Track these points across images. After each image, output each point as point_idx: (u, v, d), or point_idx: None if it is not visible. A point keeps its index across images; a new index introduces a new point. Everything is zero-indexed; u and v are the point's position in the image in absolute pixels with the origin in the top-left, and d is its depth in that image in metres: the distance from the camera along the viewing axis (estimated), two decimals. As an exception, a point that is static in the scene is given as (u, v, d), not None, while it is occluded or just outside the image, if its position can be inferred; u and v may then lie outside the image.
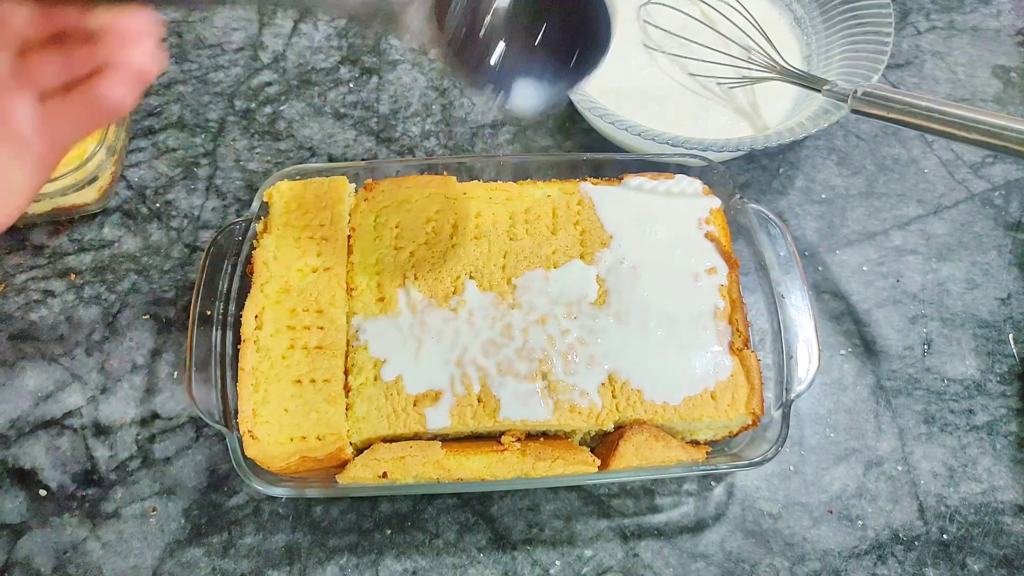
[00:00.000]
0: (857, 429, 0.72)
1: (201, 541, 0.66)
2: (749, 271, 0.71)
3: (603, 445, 0.65)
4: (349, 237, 0.69)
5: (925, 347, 0.76)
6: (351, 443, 0.62)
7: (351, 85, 0.90)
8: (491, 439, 0.63)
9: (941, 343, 0.76)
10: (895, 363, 0.75)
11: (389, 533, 0.67)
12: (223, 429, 0.62)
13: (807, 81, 0.76)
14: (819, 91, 0.74)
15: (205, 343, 0.65)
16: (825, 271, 0.80)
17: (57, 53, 0.42)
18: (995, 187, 0.85)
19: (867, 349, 0.76)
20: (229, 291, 0.67)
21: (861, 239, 0.82)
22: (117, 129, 0.77)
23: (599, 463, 0.61)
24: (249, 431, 0.60)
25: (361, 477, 0.60)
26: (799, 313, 0.67)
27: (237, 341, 0.64)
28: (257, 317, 0.64)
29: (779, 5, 0.89)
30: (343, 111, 0.88)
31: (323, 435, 0.60)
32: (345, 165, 0.74)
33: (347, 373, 0.63)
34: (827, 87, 0.73)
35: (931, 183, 0.85)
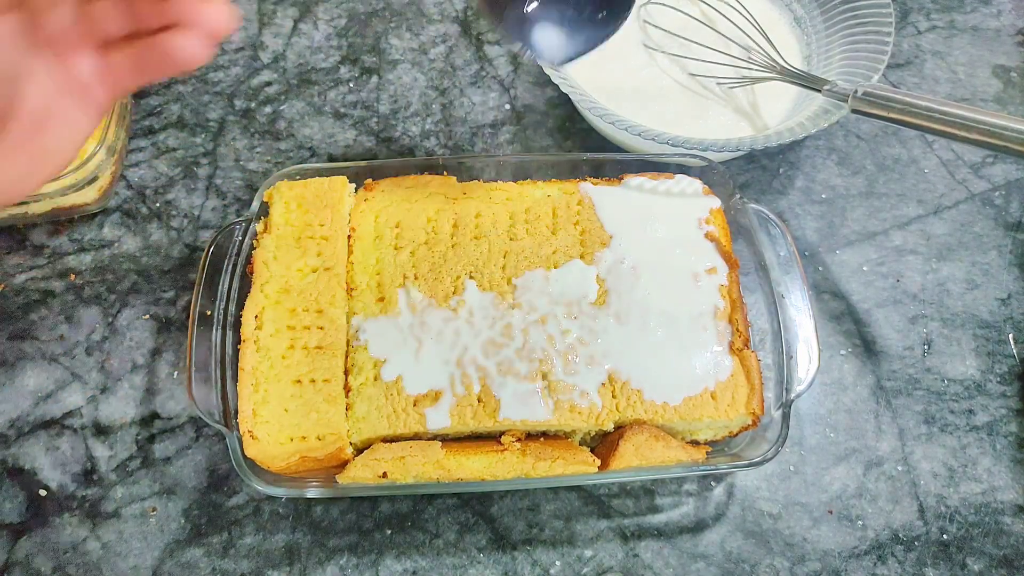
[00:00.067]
0: (857, 429, 0.72)
1: (201, 541, 0.66)
2: (749, 271, 0.71)
3: (603, 445, 0.64)
4: (349, 237, 0.69)
5: (925, 347, 0.76)
6: (351, 443, 0.62)
7: (351, 85, 0.90)
8: (491, 439, 0.63)
9: (941, 343, 0.76)
10: (895, 363, 0.75)
11: (389, 533, 0.67)
12: (223, 429, 0.62)
13: (807, 81, 0.76)
14: (819, 91, 0.74)
15: (205, 343, 0.65)
16: (825, 271, 0.80)
17: (121, 3, 0.42)
18: (995, 187, 0.85)
19: (867, 349, 0.76)
20: (229, 291, 0.67)
21: (861, 239, 0.82)
22: (117, 129, 0.77)
23: (599, 463, 0.61)
24: (249, 431, 0.60)
25: (361, 477, 0.60)
26: (799, 313, 0.67)
27: (237, 341, 0.64)
28: (257, 317, 0.64)
29: (779, 5, 0.89)
30: (343, 111, 0.88)
31: (323, 435, 0.60)
32: (345, 165, 0.74)
33: (347, 373, 0.63)
34: (827, 87, 0.73)
35: (931, 183, 0.85)
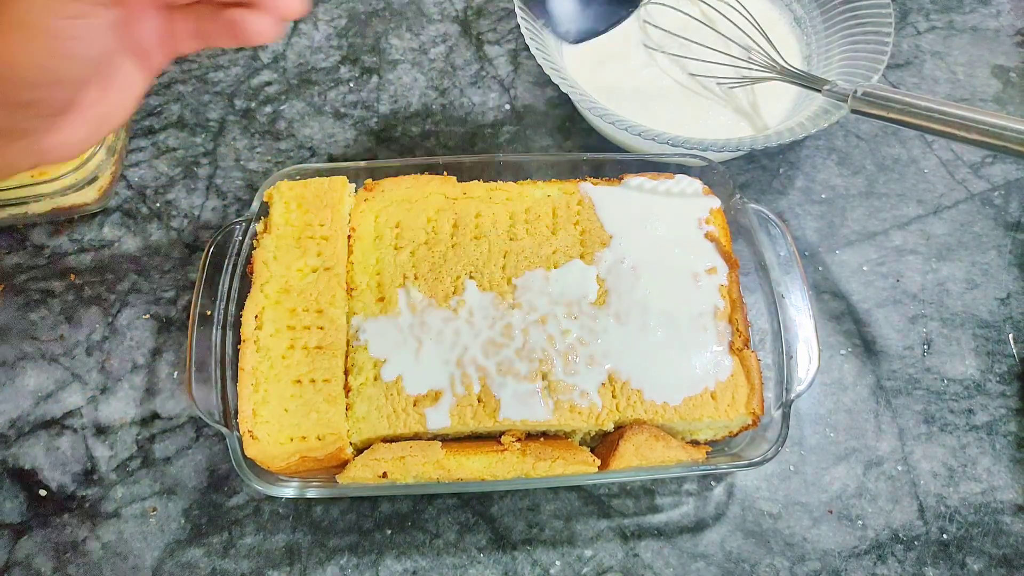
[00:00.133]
0: (857, 429, 0.72)
1: (201, 541, 0.66)
2: (749, 271, 0.71)
3: (603, 445, 0.64)
4: (349, 237, 0.69)
5: (925, 347, 0.76)
6: (351, 443, 0.62)
7: (351, 85, 0.90)
8: (491, 439, 0.63)
9: (941, 343, 0.76)
10: (895, 363, 0.75)
11: (389, 533, 0.67)
12: (223, 429, 0.62)
13: (807, 81, 0.76)
14: (819, 91, 0.74)
15: (205, 343, 0.65)
16: (825, 271, 0.80)
17: None
18: (995, 187, 0.85)
19: (867, 349, 0.76)
20: (229, 291, 0.67)
21: (861, 239, 0.82)
22: (117, 129, 0.77)
23: (599, 463, 0.61)
24: (249, 431, 0.60)
25: (361, 477, 0.60)
26: (799, 313, 0.67)
27: (237, 341, 0.64)
28: (257, 317, 0.64)
29: (779, 5, 0.89)
30: (343, 111, 0.88)
31: (323, 435, 0.60)
32: (345, 165, 0.74)
33: (347, 373, 0.63)
34: (827, 87, 0.73)
35: (931, 183, 0.85)
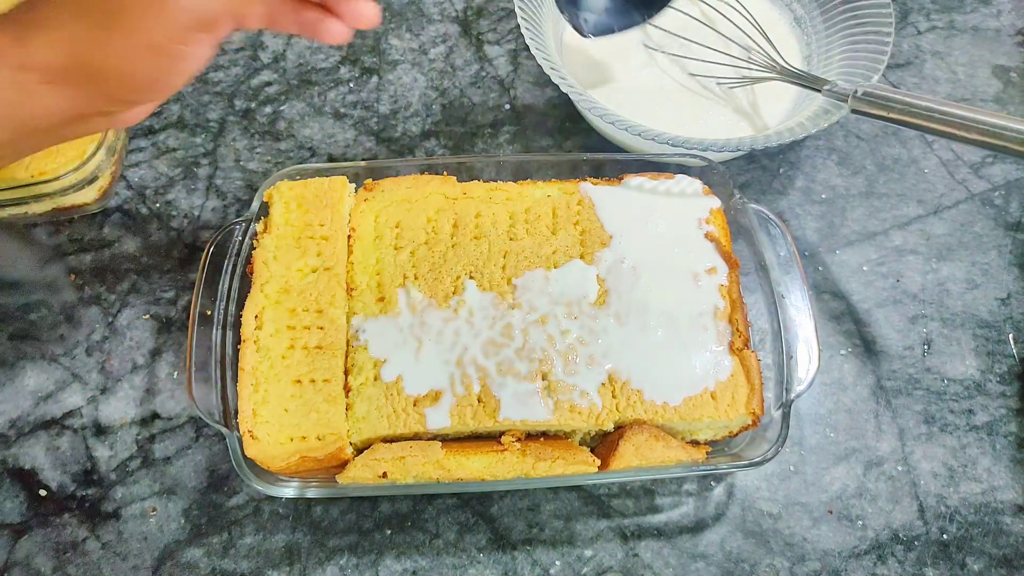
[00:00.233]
0: (857, 429, 0.72)
1: (201, 541, 0.66)
2: (749, 271, 0.71)
3: (603, 445, 0.64)
4: (349, 237, 0.69)
5: (925, 347, 0.76)
6: (351, 443, 0.62)
7: (351, 85, 0.90)
8: (491, 439, 0.63)
9: (941, 343, 0.76)
10: (895, 363, 0.75)
11: (389, 533, 0.67)
12: (223, 429, 0.62)
13: (807, 81, 0.76)
14: (819, 91, 0.74)
15: (205, 343, 0.65)
16: (825, 271, 0.80)
17: None
18: (995, 187, 0.85)
19: (867, 349, 0.76)
20: (229, 291, 0.67)
21: (861, 239, 0.82)
22: (117, 129, 0.77)
23: (599, 463, 0.61)
24: (249, 431, 0.60)
25: (361, 477, 0.60)
26: (799, 313, 0.67)
27: (237, 341, 0.64)
28: (257, 317, 0.64)
29: (779, 5, 0.89)
30: (343, 111, 0.88)
31: (323, 435, 0.60)
32: (345, 165, 0.74)
33: (347, 373, 0.63)
34: (827, 87, 0.73)
35: (931, 183, 0.85)
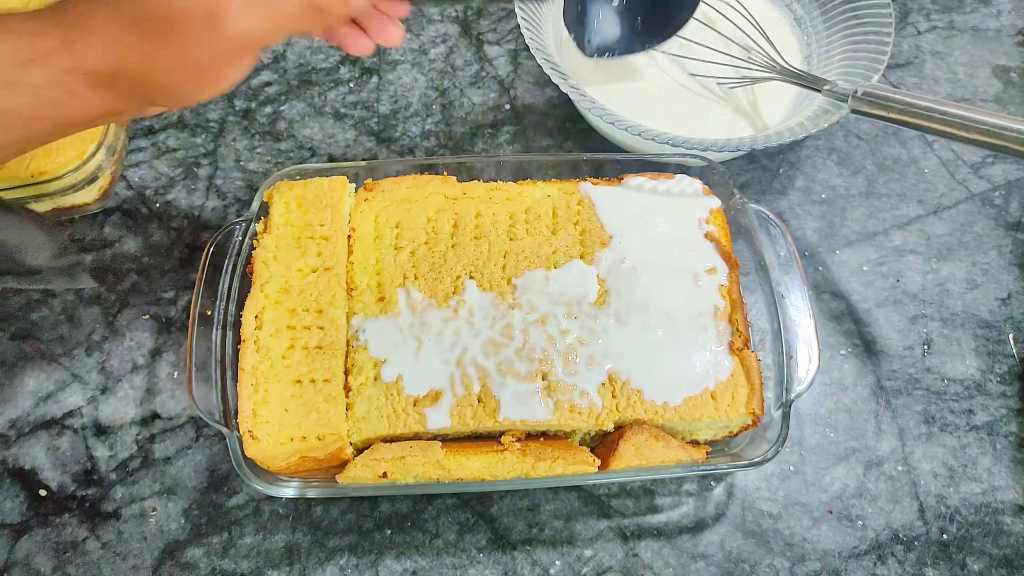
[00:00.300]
0: (857, 429, 0.72)
1: (201, 541, 0.66)
2: (749, 271, 0.71)
3: (603, 445, 0.64)
4: (349, 237, 0.69)
5: (925, 347, 0.76)
6: (351, 443, 0.62)
7: (351, 85, 0.90)
8: (491, 439, 0.63)
9: (941, 343, 0.76)
10: (895, 363, 0.75)
11: (389, 533, 0.67)
12: (223, 429, 0.62)
13: (807, 81, 0.76)
14: (819, 91, 0.74)
15: (205, 343, 0.65)
16: (825, 271, 0.80)
17: None
18: (995, 187, 0.85)
19: (867, 349, 0.76)
20: (229, 291, 0.67)
21: (861, 239, 0.82)
22: (117, 129, 0.77)
23: (599, 463, 0.61)
24: (249, 431, 0.60)
25: (361, 477, 0.60)
26: (799, 313, 0.67)
27: (237, 341, 0.64)
28: (257, 317, 0.64)
29: (779, 5, 0.89)
30: (343, 111, 0.88)
31: (323, 435, 0.60)
32: (345, 165, 0.74)
33: (347, 373, 0.63)
34: (827, 87, 0.73)
35: (931, 183, 0.85)
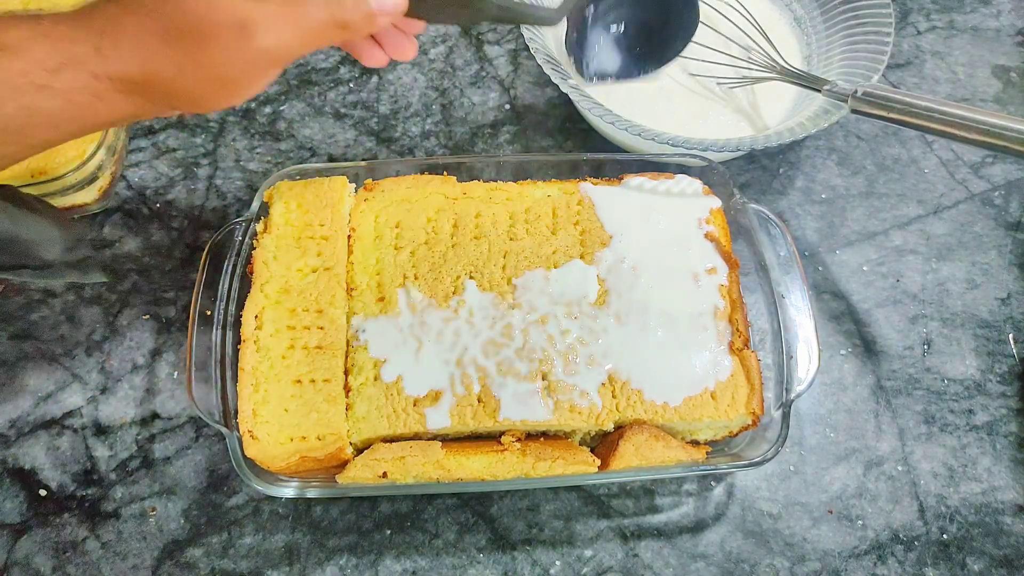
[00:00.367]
0: (857, 429, 0.72)
1: (200, 541, 0.66)
2: (749, 271, 0.71)
3: (603, 445, 0.64)
4: (349, 237, 0.69)
5: (925, 347, 0.76)
6: (351, 443, 0.62)
7: (351, 85, 0.90)
8: (491, 439, 0.63)
9: (941, 343, 0.76)
10: (895, 363, 0.75)
11: (389, 533, 0.67)
12: (223, 429, 0.62)
13: (807, 81, 0.76)
14: (819, 91, 0.74)
15: (205, 343, 0.65)
16: (825, 271, 0.80)
17: None
18: (995, 187, 0.85)
19: (867, 349, 0.76)
20: (229, 291, 0.67)
21: (861, 239, 0.82)
22: (117, 129, 0.77)
23: (599, 463, 0.61)
24: (249, 431, 0.60)
25: (361, 477, 0.60)
26: (799, 313, 0.67)
27: (237, 341, 0.64)
28: (257, 317, 0.64)
29: (779, 5, 0.89)
30: (343, 111, 0.88)
31: (323, 435, 0.60)
32: (345, 165, 0.74)
33: (347, 373, 0.63)
34: (827, 87, 0.73)
35: (931, 183, 0.85)
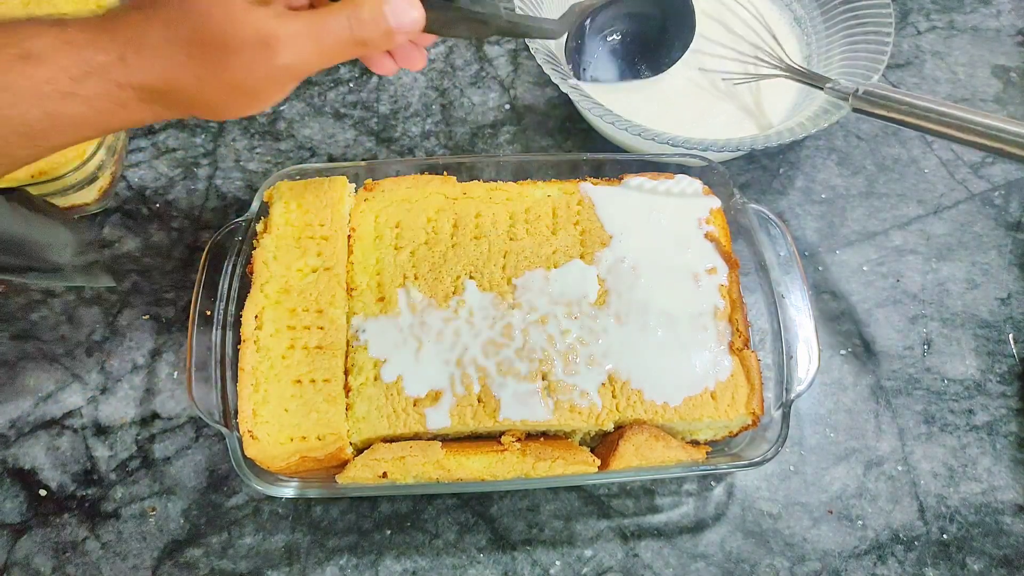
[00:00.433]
0: (857, 429, 0.72)
1: (200, 541, 0.66)
2: (749, 271, 0.71)
3: (603, 445, 0.64)
4: (349, 237, 0.69)
5: (925, 347, 0.76)
6: (351, 443, 0.62)
7: (351, 85, 0.90)
8: (491, 439, 0.63)
9: (941, 343, 0.76)
10: (895, 363, 0.75)
11: (389, 533, 0.67)
12: (223, 429, 0.62)
13: (810, 78, 0.76)
14: (821, 88, 0.74)
15: (205, 343, 0.65)
16: (825, 271, 0.80)
17: None
18: (995, 187, 0.85)
19: (867, 349, 0.76)
20: (229, 291, 0.67)
21: (861, 239, 0.82)
22: (117, 129, 0.77)
23: (599, 463, 0.61)
24: (249, 431, 0.60)
25: (361, 477, 0.60)
26: (799, 313, 0.67)
27: (237, 341, 0.64)
28: (257, 317, 0.64)
29: (779, 5, 0.89)
30: (343, 111, 0.88)
31: (323, 435, 0.60)
32: (345, 165, 0.74)
33: (347, 373, 0.63)
34: (829, 85, 0.73)
35: (931, 183, 0.85)
